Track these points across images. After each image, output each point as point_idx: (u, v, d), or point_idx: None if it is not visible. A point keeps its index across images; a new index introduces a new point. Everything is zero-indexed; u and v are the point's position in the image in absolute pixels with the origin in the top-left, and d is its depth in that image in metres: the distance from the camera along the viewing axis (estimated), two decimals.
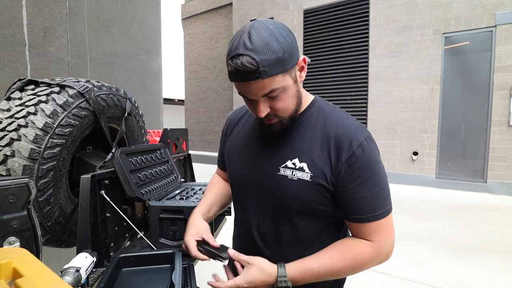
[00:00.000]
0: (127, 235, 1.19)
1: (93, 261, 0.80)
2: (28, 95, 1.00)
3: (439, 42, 5.66)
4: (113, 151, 1.19)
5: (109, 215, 1.05)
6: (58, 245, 1.13)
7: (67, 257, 0.82)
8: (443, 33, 5.63)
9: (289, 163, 0.76)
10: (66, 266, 0.72)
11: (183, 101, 14.14)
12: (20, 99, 0.99)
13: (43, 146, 0.94)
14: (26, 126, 0.92)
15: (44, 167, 0.95)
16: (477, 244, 3.14)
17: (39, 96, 0.99)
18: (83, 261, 0.75)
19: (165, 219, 1.08)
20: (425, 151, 5.94)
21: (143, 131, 1.54)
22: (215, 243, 0.81)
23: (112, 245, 1.06)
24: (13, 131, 0.91)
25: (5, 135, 0.91)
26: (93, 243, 0.95)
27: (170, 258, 0.90)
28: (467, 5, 5.36)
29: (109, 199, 1.02)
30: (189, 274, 0.88)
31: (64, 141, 1.01)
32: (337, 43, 6.87)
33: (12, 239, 0.70)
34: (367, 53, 6.50)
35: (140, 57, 3.00)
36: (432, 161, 5.88)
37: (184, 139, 1.81)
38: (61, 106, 1.01)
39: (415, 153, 6.04)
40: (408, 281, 2.43)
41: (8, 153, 0.89)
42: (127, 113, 1.34)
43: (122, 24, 2.74)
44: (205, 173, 7.02)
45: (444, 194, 5.36)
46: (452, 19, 5.52)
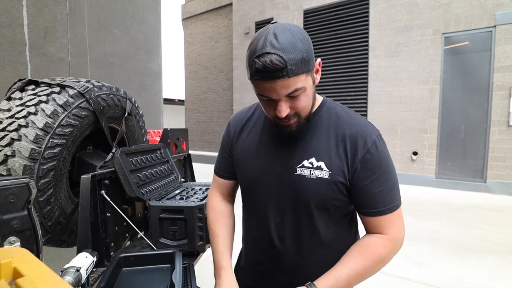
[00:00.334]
0: (127, 235, 1.19)
1: (94, 261, 0.80)
2: (28, 95, 1.00)
3: (439, 42, 5.67)
4: (113, 151, 1.19)
5: (109, 215, 1.05)
6: (58, 245, 1.13)
7: (68, 257, 0.82)
8: (443, 33, 5.63)
9: (305, 163, 0.77)
10: (66, 265, 0.72)
11: (183, 101, 14.14)
12: (20, 99, 0.99)
13: (43, 146, 0.94)
14: (26, 126, 0.92)
15: (44, 167, 0.95)
16: (477, 244, 3.14)
17: (39, 96, 0.99)
18: (84, 261, 0.75)
19: (165, 219, 1.08)
20: (425, 151, 5.94)
21: (143, 131, 1.54)
22: None
23: (112, 245, 1.06)
24: (13, 131, 0.91)
25: (6, 135, 0.91)
26: (94, 243, 0.95)
27: (170, 258, 0.90)
28: (467, 5, 5.37)
29: (109, 199, 1.02)
30: (189, 274, 0.88)
31: (64, 141, 1.01)
32: (337, 43, 6.88)
33: (12, 239, 0.70)
34: (367, 53, 6.50)
35: (140, 57, 3.00)
36: (432, 161, 5.88)
37: (184, 139, 1.81)
38: (61, 106, 1.01)
39: (415, 153, 6.05)
40: (408, 281, 2.43)
41: (8, 153, 0.89)
42: (127, 113, 1.34)
43: (122, 24, 2.74)
44: (205, 173, 7.02)
45: (444, 194, 5.36)
46: (452, 19, 5.53)
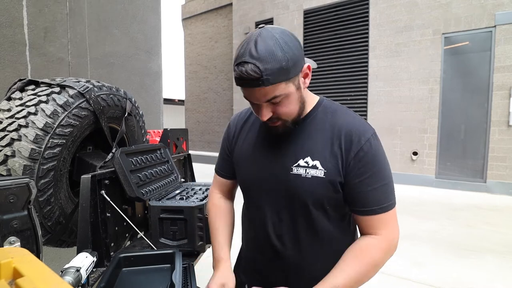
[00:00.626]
0: (127, 235, 1.19)
1: (94, 261, 0.80)
2: (28, 95, 1.00)
3: (439, 42, 5.66)
4: (113, 151, 1.19)
5: (109, 215, 1.05)
6: (58, 245, 1.13)
7: (68, 257, 0.82)
8: (443, 33, 5.63)
9: (301, 162, 0.78)
10: (66, 266, 0.72)
11: (183, 101, 14.14)
12: (20, 99, 0.99)
13: (43, 146, 0.94)
14: (26, 126, 0.92)
15: (44, 167, 0.95)
16: (477, 244, 3.14)
17: (39, 96, 0.99)
18: (84, 261, 0.76)
19: (165, 219, 1.08)
20: (424, 151, 5.94)
21: (143, 131, 1.54)
22: None
23: (112, 245, 1.06)
24: (13, 131, 0.91)
25: (6, 135, 0.91)
26: (94, 243, 0.95)
27: (170, 258, 0.90)
28: (467, 5, 5.36)
29: (109, 199, 1.02)
30: (189, 274, 0.88)
31: (64, 141, 1.01)
32: (337, 43, 6.87)
33: (12, 239, 0.70)
34: (367, 53, 6.50)
35: (140, 57, 3.00)
36: (431, 161, 5.88)
37: (184, 139, 1.81)
38: (61, 106, 1.01)
39: (415, 153, 6.04)
40: (408, 281, 2.43)
41: (8, 153, 0.89)
42: (127, 113, 1.34)
43: (122, 24, 2.74)
44: (205, 173, 7.02)
45: (444, 194, 5.36)
46: (452, 19, 5.52)
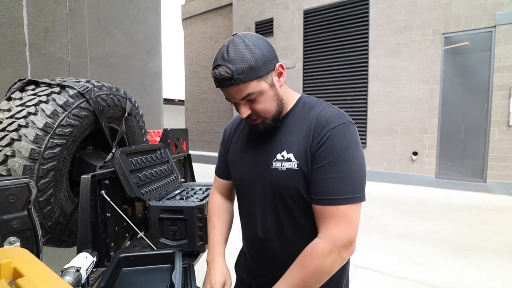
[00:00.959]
0: (127, 235, 1.19)
1: (94, 261, 0.80)
2: (28, 95, 1.00)
3: (439, 42, 5.66)
4: (113, 151, 1.19)
5: (109, 215, 1.05)
6: (58, 245, 1.13)
7: (68, 257, 0.82)
8: (443, 33, 5.63)
9: (278, 156, 0.81)
10: (66, 266, 0.72)
11: (183, 101, 14.14)
12: (20, 99, 0.99)
13: (43, 146, 0.94)
14: (26, 126, 0.92)
15: (44, 167, 0.95)
16: (477, 244, 3.14)
17: (39, 96, 0.99)
18: (84, 261, 0.76)
19: (165, 219, 1.08)
20: (424, 151, 5.94)
21: (143, 131, 1.54)
22: None
23: (112, 245, 1.06)
24: (13, 131, 0.91)
25: (6, 135, 0.91)
26: (94, 243, 0.95)
27: (170, 258, 0.90)
28: (467, 5, 5.36)
29: (109, 199, 1.02)
30: (189, 274, 0.88)
31: (64, 141, 1.01)
32: (337, 43, 6.87)
33: (12, 239, 0.70)
34: (367, 53, 6.50)
35: (140, 57, 3.00)
36: (431, 161, 5.88)
37: (184, 139, 1.81)
38: (61, 106, 1.01)
39: (415, 153, 6.04)
40: (408, 281, 2.43)
41: (8, 153, 0.89)
42: (127, 113, 1.34)
43: (122, 24, 2.74)
44: (205, 173, 7.02)
45: (443, 194, 5.36)
46: (451, 19, 5.52)
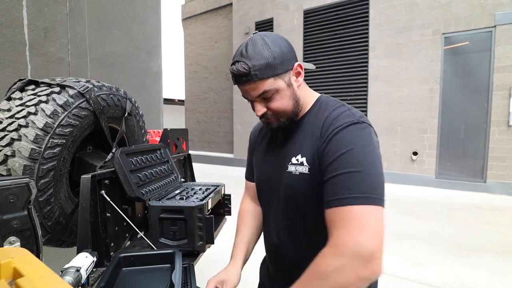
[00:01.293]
0: (127, 235, 1.19)
1: (94, 261, 0.80)
2: (28, 95, 1.00)
3: (439, 42, 5.66)
4: (113, 151, 1.19)
5: (109, 215, 1.05)
6: (58, 245, 1.13)
7: (68, 257, 0.82)
8: (443, 33, 5.63)
9: (293, 160, 0.80)
10: (66, 266, 0.72)
11: (183, 101, 14.13)
12: (20, 99, 0.99)
13: (43, 146, 0.94)
14: (26, 126, 0.92)
15: (44, 167, 0.95)
16: (477, 244, 3.15)
17: (39, 96, 0.99)
18: (84, 261, 0.75)
19: (165, 219, 1.08)
20: (424, 151, 5.94)
21: (143, 131, 1.54)
22: None
23: (112, 245, 1.06)
24: (13, 131, 0.91)
25: (6, 135, 0.91)
26: (94, 243, 0.95)
27: (170, 258, 0.90)
28: (467, 5, 5.36)
29: (109, 199, 1.02)
30: (189, 274, 0.88)
31: (64, 141, 1.01)
32: (337, 43, 6.87)
33: (12, 239, 0.70)
34: (367, 53, 6.50)
35: (140, 57, 3.00)
36: (431, 161, 5.88)
37: (184, 139, 1.81)
38: (61, 106, 1.01)
39: (415, 153, 6.04)
40: (408, 281, 2.43)
41: (8, 153, 0.89)
42: (127, 113, 1.34)
43: (122, 24, 2.74)
44: (205, 173, 7.03)
45: (443, 194, 5.36)
46: (451, 19, 5.52)
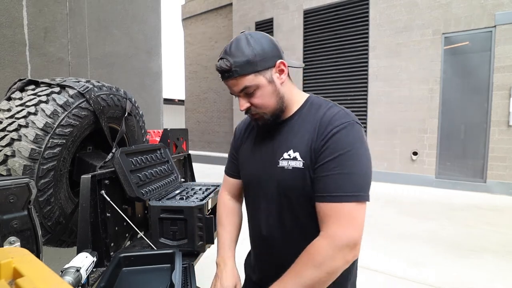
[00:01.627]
0: (127, 235, 1.19)
1: (94, 261, 0.80)
2: (28, 95, 1.00)
3: (439, 42, 5.66)
4: (113, 151, 1.19)
5: (109, 215, 1.05)
6: (58, 245, 1.13)
7: (68, 257, 0.82)
8: (443, 33, 5.63)
9: (285, 155, 0.82)
10: (66, 266, 0.72)
11: (183, 101, 14.14)
12: (20, 99, 0.99)
13: (43, 146, 0.94)
14: (26, 126, 0.92)
15: (44, 167, 0.95)
16: (477, 244, 3.14)
17: (39, 96, 0.99)
18: (84, 261, 0.76)
19: (165, 219, 1.08)
20: (424, 151, 5.94)
21: (143, 131, 1.54)
22: None
23: (112, 245, 1.06)
24: (13, 131, 0.91)
25: (6, 135, 0.91)
26: (94, 243, 0.95)
27: (170, 258, 0.90)
28: (467, 5, 5.36)
29: (109, 199, 1.02)
30: (189, 274, 0.88)
31: (64, 141, 1.01)
32: (337, 43, 6.87)
33: (12, 239, 0.70)
34: (367, 53, 6.50)
35: (140, 57, 3.00)
36: (431, 161, 5.88)
37: (184, 139, 1.81)
38: (61, 106, 1.01)
39: (415, 153, 6.04)
40: (408, 281, 2.43)
41: (8, 153, 0.89)
42: (127, 113, 1.34)
43: (122, 24, 2.74)
44: (205, 173, 7.03)
45: (443, 194, 5.36)
46: (451, 19, 5.52)
